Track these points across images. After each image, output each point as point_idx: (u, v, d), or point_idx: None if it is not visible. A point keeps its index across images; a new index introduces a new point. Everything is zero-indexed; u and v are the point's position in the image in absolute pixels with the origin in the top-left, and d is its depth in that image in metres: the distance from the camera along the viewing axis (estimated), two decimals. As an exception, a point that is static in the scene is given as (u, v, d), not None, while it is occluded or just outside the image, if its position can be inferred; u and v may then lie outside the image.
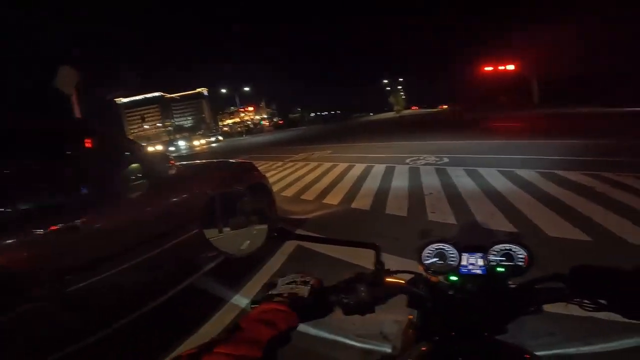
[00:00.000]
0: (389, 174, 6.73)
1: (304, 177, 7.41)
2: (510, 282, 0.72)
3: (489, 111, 25.44)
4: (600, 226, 3.20)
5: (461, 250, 0.76)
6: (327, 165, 8.58)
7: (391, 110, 62.69)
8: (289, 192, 6.20)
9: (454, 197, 4.70)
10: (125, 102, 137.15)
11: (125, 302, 2.31)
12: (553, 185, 4.75)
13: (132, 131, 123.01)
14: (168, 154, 3.03)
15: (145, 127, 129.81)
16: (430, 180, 5.81)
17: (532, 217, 3.67)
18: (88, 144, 2.53)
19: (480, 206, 4.24)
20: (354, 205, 4.96)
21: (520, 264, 0.72)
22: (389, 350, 2.02)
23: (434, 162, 7.39)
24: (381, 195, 5.26)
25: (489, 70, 31.28)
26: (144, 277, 2.38)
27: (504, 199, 4.38)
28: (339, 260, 3.07)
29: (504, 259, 0.73)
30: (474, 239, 0.81)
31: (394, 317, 0.77)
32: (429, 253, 0.78)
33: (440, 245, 0.77)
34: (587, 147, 7.26)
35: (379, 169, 7.32)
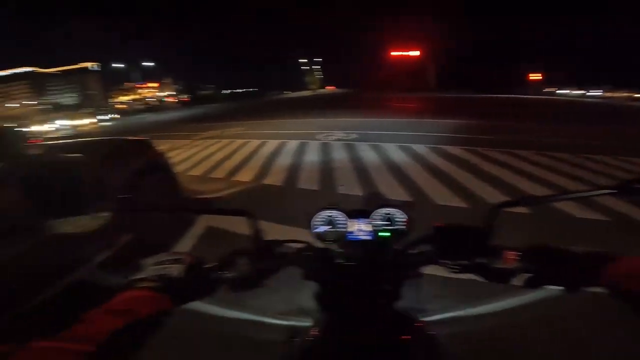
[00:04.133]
0: (301, 149, 6.81)
1: (214, 155, 6.99)
2: (396, 247, 0.71)
3: (394, 92, 27.75)
4: (474, 193, 3.80)
5: (349, 216, 0.73)
6: (239, 142, 8.24)
7: (307, 88, 63.15)
8: (196, 171, 5.78)
9: (361, 171, 5.01)
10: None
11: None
12: (440, 158, 5.45)
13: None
14: (24, 132, 2.49)
15: (11, 105, 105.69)
16: (339, 155, 6.08)
17: (423, 187, 4.16)
18: None
19: (382, 178, 4.62)
20: (266, 181, 4.89)
21: (402, 227, 0.71)
22: (310, 324, 2.09)
23: (343, 137, 7.73)
24: (294, 170, 5.30)
25: (396, 55, 33.84)
26: (13, 276, 1.95)
27: (402, 171, 4.86)
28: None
29: (388, 223, 0.72)
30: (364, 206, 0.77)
31: (311, 291, 0.75)
32: (319, 221, 0.74)
33: (330, 212, 0.74)
34: (467, 126, 8.54)
35: (291, 145, 7.34)
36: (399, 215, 0.72)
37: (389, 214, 0.73)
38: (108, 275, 2.49)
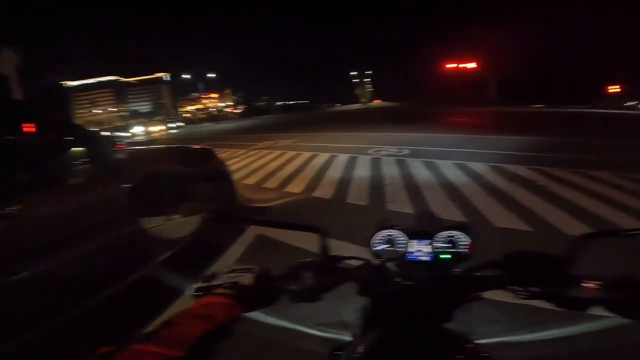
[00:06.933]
0: (351, 164, 6.84)
1: (267, 166, 7.32)
2: (455, 269, 0.72)
3: (449, 106, 26.72)
4: (540, 217, 3.49)
5: (410, 236, 0.75)
6: (291, 153, 8.53)
7: (357, 102, 63.52)
8: (251, 180, 6.09)
9: (412, 188, 4.89)
10: (74, 86, 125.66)
11: (71, 294, 2.15)
12: (500, 178, 5.11)
13: (80, 116, 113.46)
14: (115, 138, 2.84)
15: (97, 111, 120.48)
16: (390, 171, 5.99)
17: (480, 208, 3.92)
18: (27, 127, 2.34)
19: (435, 197, 4.45)
20: (316, 193, 4.99)
21: (464, 250, 0.71)
22: (349, 338, 2.08)
23: (395, 153, 7.61)
24: (343, 184, 5.33)
25: (451, 68, 32.67)
26: (91, 267, 2.22)
27: (457, 190, 4.63)
28: (301, 249, 3.08)
29: (449, 245, 0.72)
30: (425, 227, 0.80)
31: (356, 305, 0.76)
32: (379, 239, 0.76)
33: (390, 232, 0.76)
34: (532, 143, 7.90)
35: (341, 158, 7.41)
36: (463, 239, 0.72)
37: (452, 236, 0.73)
38: (168, 274, 2.73)
